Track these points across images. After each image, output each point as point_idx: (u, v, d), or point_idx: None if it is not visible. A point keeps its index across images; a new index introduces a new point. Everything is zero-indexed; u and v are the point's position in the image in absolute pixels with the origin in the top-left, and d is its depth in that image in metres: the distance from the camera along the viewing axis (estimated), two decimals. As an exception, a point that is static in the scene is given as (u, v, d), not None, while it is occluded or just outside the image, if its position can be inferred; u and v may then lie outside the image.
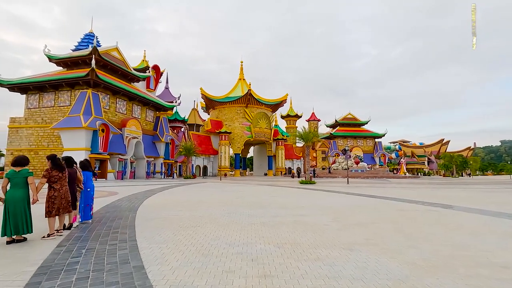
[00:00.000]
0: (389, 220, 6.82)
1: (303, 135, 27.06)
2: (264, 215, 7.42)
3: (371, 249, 4.20)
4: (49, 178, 4.86)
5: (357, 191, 16.62)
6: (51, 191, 4.88)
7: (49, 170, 4.89)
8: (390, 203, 10.55)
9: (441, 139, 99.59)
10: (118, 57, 40.60)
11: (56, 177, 4.92)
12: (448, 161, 73.71)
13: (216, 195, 13.81)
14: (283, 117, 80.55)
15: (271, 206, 9.32)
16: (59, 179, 4.94)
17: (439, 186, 23.04)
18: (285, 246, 4.35)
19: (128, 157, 36.76)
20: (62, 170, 5.02)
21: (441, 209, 8.91)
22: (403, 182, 31.78)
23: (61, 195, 4.90)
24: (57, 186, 4.90)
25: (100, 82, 33.71)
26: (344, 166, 49.62)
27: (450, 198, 12.47)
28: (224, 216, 7.20)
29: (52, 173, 4.88)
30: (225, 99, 60.13)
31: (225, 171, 55.63)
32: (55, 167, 4.92)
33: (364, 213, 7.86)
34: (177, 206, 9.35)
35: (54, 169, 4.92)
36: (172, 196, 12.99)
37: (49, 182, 4.88)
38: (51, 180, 4.88)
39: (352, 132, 74.09)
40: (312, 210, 8.37)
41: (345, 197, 13.08)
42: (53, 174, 4.88)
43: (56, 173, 4.91)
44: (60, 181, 4.94)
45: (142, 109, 43.13)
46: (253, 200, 11.32)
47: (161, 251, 4.00)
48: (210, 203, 10.05)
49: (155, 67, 50.77)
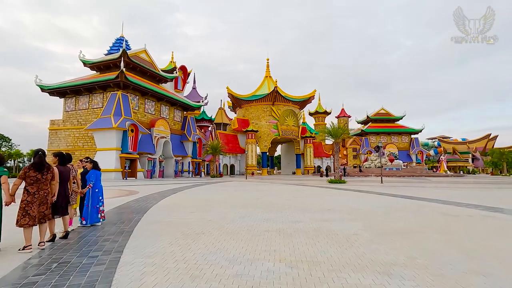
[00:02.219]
0: (436, 228, 5.53)
1: (331, 132, 25.50)
2: (282, 220, 6.45)
3: (418, 275, 3.09)
4: (24, 178, 4.14)
5: (392, 191, 14.97)
6: (24, 195, 4.13)
7: (27, 169, 4.18)
8: (433, 205, 9.04)
9: (487, 134, 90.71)
10: (147, 59, 41.62)
11: (33, 178, 4.15)
12: (498, 157, 66.57)
13: (236, 195, 13.04)
14: (311, 114, 78.33)
15: (292, 208, 8.30)
16: (36, 181, 4.17)
17: (490, 186, 20.34)
18: (300, 265, 3.37)
19: (157, 156, 37.50)
20: (41, 170, 4.21)
21: (502, 215, 7.30)
22: (445, 181, 28.86)
23: (36, 201, 4.13)
24: (32, 189, 4.14)
25: (129, 84, 34.66)
26: (377, 164, 46.72)
27: (508, 201, 10.54)
28: (236, 220, 6.34)
29: (29, 173, 4.14)
30: (251, 97, 59.56)
31: (252, 170, 55.10)
32: (33, 166, 4.19)
33: (403, 218, 6.58)
34: (191, 207, 8.68)
35: (32, 168, 4.18)
36: (191, 196, 12.45)
37: (26, 183, 4.19)
38: (27, 182, 4.15)
39: (385, 128, 69.86)
40: (340, 214, 7.24)
41: (379, 198, 11.64)
42: (30, 174, 4.14)
43: (34, 173, 4.16)
44: (37, 184, 4.17)
45: (170, 109, 43.90)
46: (273, 201, 10.36)
47: (142, 269, 3.22)
48: (227, 204, 9.27)
49: (182, 68, 51.46)
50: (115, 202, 9.67)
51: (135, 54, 39.42)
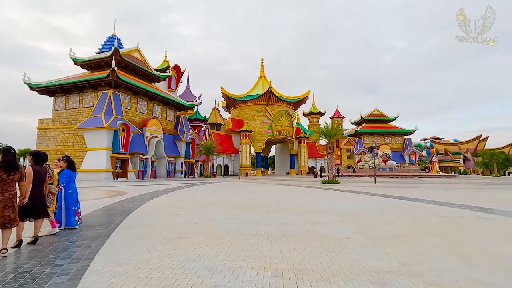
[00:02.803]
0: (431, 231, 5.30)
1: (325, 132, 25.35)
2: (271, 222, 6.15)
3: (414, 284, 2.82)
4: None
5: (385, 191, 14.81)
6: None
7: None
8: (427, 206, 8.85)
9: (478, 135, 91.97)
10: (139, 58, 41.00)
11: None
12: (488, 158, 67.59)
13: (227, 196, 12.71)
14: (306, 114, 78.37)
15: (283, 210, 8.02)
16: (1, 182, 3.77)
17: (481, 187, 20.37)
18: (286, 274, 3.08)
19: (149, 156, 36.91)
20: (9, 170, 3.83)
21: (496, 216, 7.13)
22: (437, 181, 28.99)
23: (0, 204, 3.75)
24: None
25: (121, 83, 34.03)
26: (371, 165, 46.81)
27: (502, 202, 10.43)
28: (223, 223, 6.03)
29: None
30: (246, 98, 59.24)
31: (246, 170, 54.76)
32: (1, 166, 3.80)
33: (397, 221, 6.35)
34: (179, 208, 8.34)
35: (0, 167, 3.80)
36: (180, 197, 12.08)
37: None
38: None
39: (379, 129, 70.18)
40: (332, 216, 6.98)
41: (372, 199, 11.44)
42: None
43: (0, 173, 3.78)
44: (1, 185, 3.78)
45: (162, 109, 43.32)
46: (265, 202, 10.07)
47: (110, 280, 2.90)
48: (216, 206, 8.95)
49: (175, 67, 50.82)
50: (100, 203, 9.27)
51: (128, 52, 38.79)
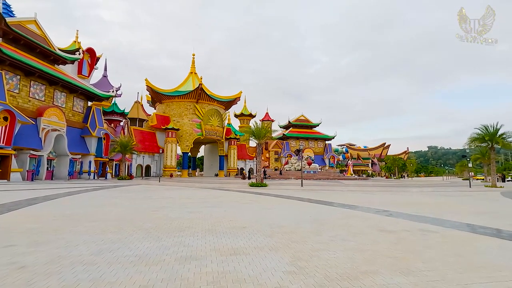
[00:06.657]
0: (386, 258, 3.92)
1: (255, 132, 24.16)
2: (164, 257, 3.95)
3: None
4: None
5: (313, 196, 14.05)
6: None
7: None
8: (362, 216, 7.90)
9: (383, 143, 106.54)
10: (37, 33, 33.28)
11: None
12: (391, 163, 78.30)
13: (124, 207, 9.64)
14: (237, 116, 77.55)
15: (193, 228, 5.87)
16: None
17: (392, 189, 21.95)
18: None
19: (45, 153, 29.93)
20: None
21: (435, 227, 6.41)
22: (352, 184, 31.14)
23: None
24: None
25: (5, 58, 26.69)
26: (296, 167, 48.21)
27: (426, 207, 10.39)
28: (79, 263, 3.55)
29: None
30: (174, 93, 54.82)
31: (171, 171, 50.41)
32: None
33: (338, 242, 4.90)
34: (24, 232, 5.38)
35: None
36: (54, 208, 8.69)
37: None
38: None
39: (304, 133, 73.94)
40: (257, 237, 5.16)
41: (303, 205, 10.23)
42: None
43: None
44: None
45: (68, 97, 36.14)
46: (173, 215, 7.72)
47: None
48: (94, 223, 6.22)
49: (89, 50, 43.22)
50: None
51: (19, 23, 30.98)
